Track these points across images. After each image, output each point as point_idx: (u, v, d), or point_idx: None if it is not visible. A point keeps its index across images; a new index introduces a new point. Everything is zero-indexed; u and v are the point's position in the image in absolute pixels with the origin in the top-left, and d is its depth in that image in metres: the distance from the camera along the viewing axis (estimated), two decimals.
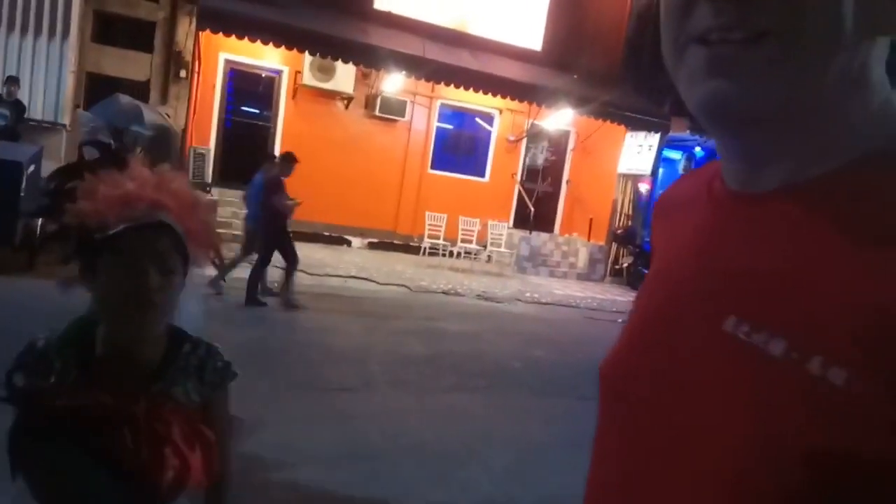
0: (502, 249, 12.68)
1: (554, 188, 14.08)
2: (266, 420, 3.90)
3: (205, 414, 1.23)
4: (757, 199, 0.53)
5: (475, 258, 12.39)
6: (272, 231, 6.96)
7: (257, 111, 11.82)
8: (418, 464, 3.82)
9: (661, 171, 12.38)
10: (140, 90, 9.40)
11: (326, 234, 11.80)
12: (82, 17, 9.61)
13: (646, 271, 0.68)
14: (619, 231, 13.19)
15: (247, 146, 11.52)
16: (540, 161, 13.73)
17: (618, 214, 13.48)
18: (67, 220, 1.13)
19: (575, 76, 11.91)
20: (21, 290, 5.50)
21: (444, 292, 9.34)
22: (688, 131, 12.06)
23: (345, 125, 11.87)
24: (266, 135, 11.73)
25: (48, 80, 9.46)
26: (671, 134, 12.33)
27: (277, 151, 11.52)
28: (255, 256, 7.14)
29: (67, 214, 1.13)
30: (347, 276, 9.14)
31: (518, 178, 13.62)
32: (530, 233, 12.78)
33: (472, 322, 7.85)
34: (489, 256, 12.67)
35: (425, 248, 12.20)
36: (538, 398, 5.36)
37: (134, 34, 9.95)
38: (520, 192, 13.59)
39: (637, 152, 12.86)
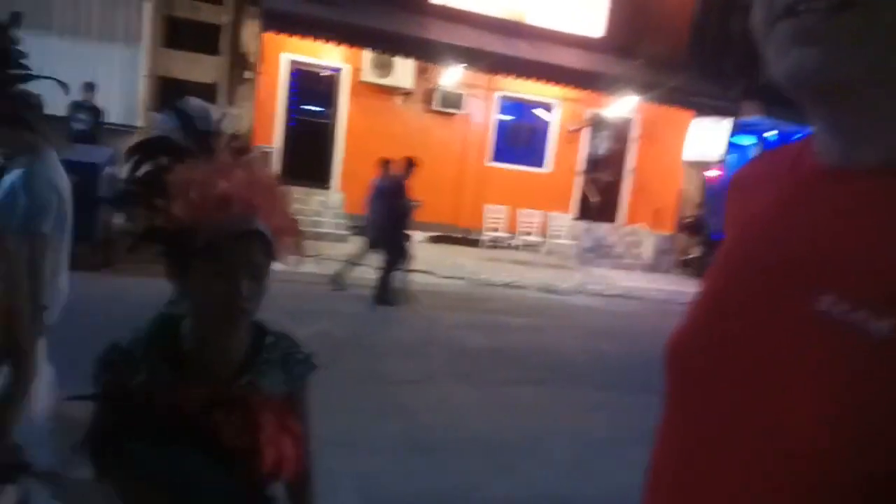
0: (563, 241, 12.50)
1: (616, 178, 13.76)
2: (330, 410, 3.95)
3: (289, 405, 1.24)
4: (855, 176, 0.51)
5: (536, 250, 12.26)
6: (398, 232, 7.47)
7: (320, 109, 12.01)
8: (481, 456, 3.80)
9: (731, 157, 11.92)
10: (208, 92, 9.72)
11: None
12: (153, 23, 10.00)
13: None
14: (687, 221, 12.77)
15: (310, 143, 11.76)
16: (601, 150, 13.44)
17: (686, 203, 13.05)
18: (160, 221, 1.11)
19: (639, 62, 11.60)
20: (99, 287, 5.76)
21: (505, 285, 9.28)
22: (759, 115, 11.55)
23: (404, 120, 11.92)
24: (328, 132, 11.92)
25: (123, 84, 9.92)
26: (741, 118, 11.84)
27: (341, 148, 11.79)
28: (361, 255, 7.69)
29: (160, 215, 1.11)
30: (409, 270, 9.18)
31: (580, 168, 13.38)
32: (593, 223, 12.54)
33: (535, 315, 7.77)
34: (550, 249, 12.52)
35: (486, 241, 12.15)
36: (604, 392, 5.25)
37: (201, 38, 10.27)
38: (583, 183, 13.34)
39: (704, 138, 12.41)
